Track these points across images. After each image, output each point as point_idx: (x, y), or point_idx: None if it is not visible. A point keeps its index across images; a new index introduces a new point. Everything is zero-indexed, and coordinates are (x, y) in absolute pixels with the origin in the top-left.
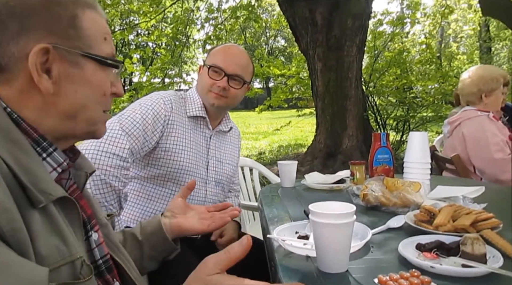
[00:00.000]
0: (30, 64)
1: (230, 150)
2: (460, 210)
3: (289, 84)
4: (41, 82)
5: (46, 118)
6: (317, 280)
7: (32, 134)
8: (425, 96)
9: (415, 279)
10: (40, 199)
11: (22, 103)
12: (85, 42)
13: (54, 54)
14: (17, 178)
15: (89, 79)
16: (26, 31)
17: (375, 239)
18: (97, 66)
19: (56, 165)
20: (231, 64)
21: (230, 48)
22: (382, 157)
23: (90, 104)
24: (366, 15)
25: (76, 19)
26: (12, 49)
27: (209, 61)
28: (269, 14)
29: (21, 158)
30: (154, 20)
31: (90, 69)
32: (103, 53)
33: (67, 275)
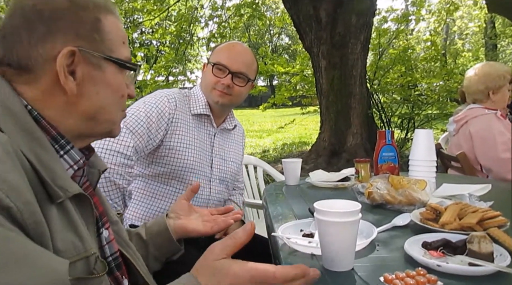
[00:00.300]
0: (58, 66)
1: (234, 148)
2: (466, 208)
3: (293, 82)
4: (67, 84)
5: (67, 118)
6: (323, 279)
7: (51, 131)
8: (430, 93)
9: (421, 278)
10: (59, 194)
11: (45, 103)
12: (107, 46)
13: (79, 57)
14: (38, 173)
15: (109, 82)
16: (53, 34)
17: (380, 237)
18: (117, 69)
19: (73, 162)
20: (235, 62)
21: (234, 46)
22: (387, 155)
23: (109, 105)
24: (370, 12)
25: (99, 23)
26: (39, 51)
27: (213, 59)
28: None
29: (41, 154)
30: (158, 18)
31: (110, 72)
32: (122, 57)
33: (82, 270)
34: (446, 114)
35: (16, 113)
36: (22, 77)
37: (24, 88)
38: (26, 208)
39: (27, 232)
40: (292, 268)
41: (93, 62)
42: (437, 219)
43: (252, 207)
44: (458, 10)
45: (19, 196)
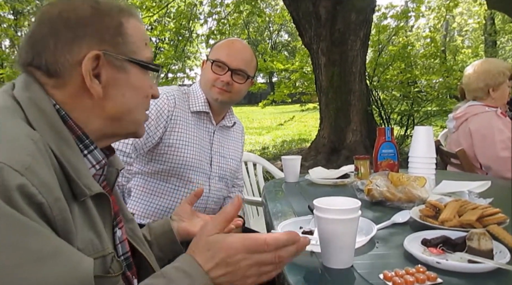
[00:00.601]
0: (84, 70)
1: (233, 145)
2: (466, 205)
3: (292, 79)
4: (92, 87)
5: (94, 120)
6: (322, 276)
7: (76, 131)
8: (430, 90)
9: (421, 275)
10: (85, 192)
11: (73, 106)
12: (130, 49)
13: (103, 60)
14: (64, 171)
15: (134, 83)
16: (79, 40)
17: (380, 235)
18: (140, 70)
19: (95, 162)
20: (235, 59)
21: (233, 43)
22: (387, 152)
23: (135, 106)
24: (370, 9)
25: (122, 27)
26: (66, 57)
27: (212, 56)
28: (272, 9)
29: (67, 152)
30: (157, 15)
31: (134, 74)
32: (145, 58)
33: (99, 269)
34: (445, 111)
35: (46, 112)
36: (51, 81)
37: (54, 91)
38: (56, 205)
39: (55, 228)
40: (282, 235)
41: (117, 65)
42: (436, 216)
43: (251, 204)
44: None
45: (50, 192)
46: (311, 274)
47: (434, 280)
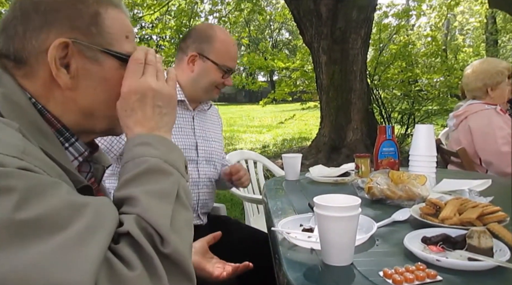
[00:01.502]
0: (49, 58)
1: (213, 127)
2: (466, 203)
3: (293, 77)
4: (59, 76)
5: (68, 113)
6: (322, 273)
7: (55, 124)
8: (430, 89)
9: (420, 273)
10: (81, 179)
11: (47, 99)
12: (106, 40)
13: (73, 49)
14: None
15: (108, 76)
16: (48, 26)
17: (380, 232)
18: (118, 63)
19: (77, 154)
20: (236, 61)
21: (234, 45)
22: (388, 150)
23: (108, 101)
24: (371, 7)
25: (98, 16)
26: (33, 43)
27: (217, 59)
28: (273, 7)
29: (48, 146)
30: (158, 13)
31: (110, 67)
32: (124, 51)
33: None
34: (446, 110)
35: (22, 106)
36: (21, 71)
37: (24, 82)
38: (63, 179)
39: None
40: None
41: (89, 55)
42: (437, 214)
43: (252, 202)
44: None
45: (53, 169)
46: (311, 271)
47: (434, 278)
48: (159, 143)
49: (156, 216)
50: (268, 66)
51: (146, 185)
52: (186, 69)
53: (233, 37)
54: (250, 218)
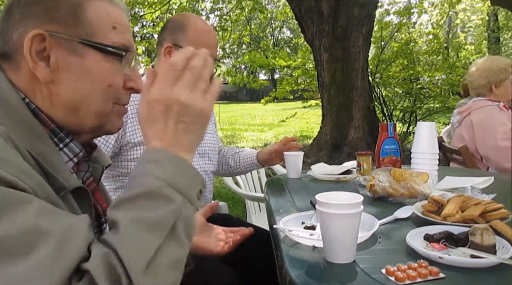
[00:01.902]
0: (24, 50)
1: None
2: (468, 201)
3: (294, 75)
4: (36, 69)
5: (54, 109)
6: (324, 271)
7: (49, 125)
8: (432, 87)
9: (423, 270)
10: (65, 185)
11: (33, 92)
12: (88, 31)
13: (51, 42)
14: (40, 166)
15: (90, 69)
16: (25, 19)
17: (382, 230)
18: (101, 56)
19: (72, 155)
20: (215, 48)
21: (210, 33)
22: (389, 148)
23: (92, 95)
24: (372, 4)
25: (79, 7)
26: (14, 37)
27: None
28: (274, 5)
29: (40, 147)
30: (159, 11)
31: (92, 59)
32: (109, 42)
33: None
34: (448, 108)
35: (14, 107)
36: (10, 66)
37: (13, 76)
38: (41, 189)
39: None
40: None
41: (68, 47)
42: (439, 212)
43: (253, 200)
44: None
45: (30, 177)
46: (314, 269)
47: (437, 275)
48: (171, 162)
49: (132, 252)
50: (269, 65)
51: (138, 211)
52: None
53: (210, 25)
54: (252, 216)
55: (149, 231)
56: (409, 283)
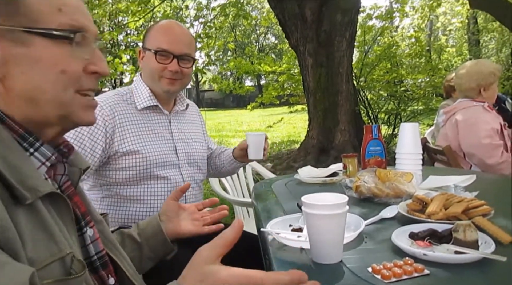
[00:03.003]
0: None
1: (193, 127)
2: (451, 199)
3: (280, 81)
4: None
5: (14, 106)
6: (312, 272)
7: (17, 130)
8: (416, 89)
9: (408, 267)
10: (26, 195)
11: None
12: (30, 17)
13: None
14: (2, 176)
15: (38, 58)
16: None
17: (368, 230)
18: (48, 42)
19: (44, 159)
20: (177, 44)
21: (172, 28)
22: (374, 149)
23: (46, 84)
24: (355, 10)
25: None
26: None
27: (152, 45)
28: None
29: (6, 154)
30: (142, 20)
31: (39, 46)
32: (55, 25)
33: (59, 272)
34: (431, 109)
35: None
36: None
37: None
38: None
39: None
40: (284, 275)
41: (12, 38)
42: (423, 210)
43: (241, 206)
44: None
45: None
46: (301, 270)
47: (422, 272)
48: None
49: None
50: (255, 71)
51: None
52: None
53: (179, 23)
54: None
55: None
56: (395, 280)
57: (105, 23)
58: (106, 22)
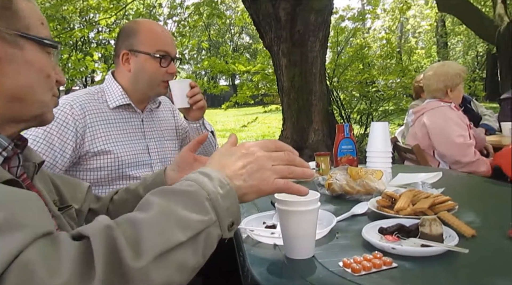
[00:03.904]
0: None
1: (166, 124)
2: (419, 195)
3: (254, 80)
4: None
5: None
6: (285, 267)
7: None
8: (387, 90)
9: (377, 260)
10: (4, 174)
11: None
12: (23, 24)
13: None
14: None
15: (31, 61)
16: None
17: (340, 226)
18: (37, 47)
19: (0, 149)
20: (173, 45)
21: (162, 29)
22: (346, 148)
23: (35, 85)
24: (328, 11)
25: (11, 2)
26: None
27: (150, 49)
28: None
29: None
30: (114, 17)
31: (31, 51)
32: (43, 36)
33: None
34: (402, 109)
35: None
36: None
37: None
38: None
39: None
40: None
41: (8, 39)
42: (392, 206)
43: None
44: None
45: None
46: (275, 266)
47: (390, 265)
48: (220, 184)
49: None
50: (229, 70)
51: (176, 204)
52: (123, 70)
53: (162, 26)
54: None
55: (178, 226)
56: (365, 273)
57: (75, 20)
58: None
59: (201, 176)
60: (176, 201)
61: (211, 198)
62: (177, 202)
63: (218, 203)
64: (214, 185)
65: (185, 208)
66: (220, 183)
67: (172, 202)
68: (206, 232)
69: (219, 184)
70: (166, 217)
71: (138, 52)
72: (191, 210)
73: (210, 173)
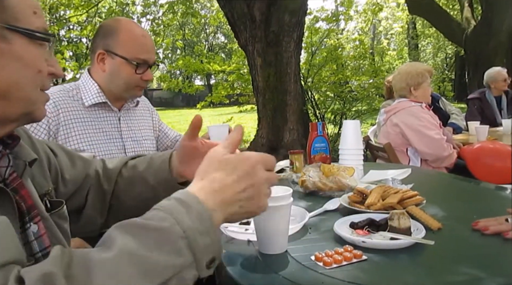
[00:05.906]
0: None
1: (144, 124)
2: (389, 190)
3: (230, 80)
4: None
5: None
6: (258, 262)
7: None
8: (360, 90)
9: (348, 254)
10: None
11: None
12: (12, 15)
13: None
14: None
15: (20, 55)
16: None
17: (312, 221)
18: (28, 41)
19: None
20: (151, 53)
21: (143, 35)
22: (319, 146)
23: (24, 82)
24: (302, 11)
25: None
26: None
27: (128, 54)
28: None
29: None
30: (86, 14)
31: (20, 44)
32: (33, 27)
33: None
34: (374, 109)
35: None
36: None
37: None
38: None
39: None
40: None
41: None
42: (363, 201)
43: None
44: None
45: None
46: (248, 261)
47: (360, 258)
48: (200, 217)
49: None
50: (205, 70)
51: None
52: (98, 69)
53: (144, 29)
54: None
55: (142, 273)
56: (336, 266)
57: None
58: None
59: (179, 206)
60: (145, 240)
61: (187, 235)
62: (146, 241)
63: (195, 242)
64: (191, 219)
65: (154, 248)
66: (199, 216)
67: (138, 241)
68: (177, 277)
69: (198, 217)
70: (128, 260)
71: (115, 54)
72: (160, 251)
73: (190, 202)
